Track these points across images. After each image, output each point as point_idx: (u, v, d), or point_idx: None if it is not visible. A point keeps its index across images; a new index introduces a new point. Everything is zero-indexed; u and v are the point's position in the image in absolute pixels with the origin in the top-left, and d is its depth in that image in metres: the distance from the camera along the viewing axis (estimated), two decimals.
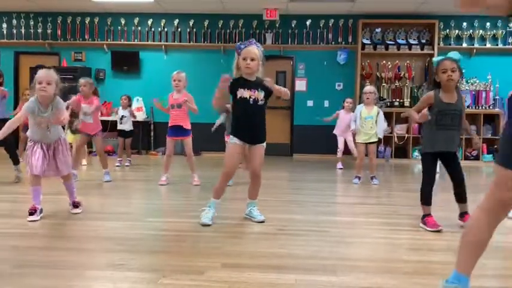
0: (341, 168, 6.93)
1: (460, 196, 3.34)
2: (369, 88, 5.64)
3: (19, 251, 2.63)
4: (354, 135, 6.13)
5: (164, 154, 5.53)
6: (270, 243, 2.89)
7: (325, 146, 8.61)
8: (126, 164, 6.86)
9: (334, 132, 7.18)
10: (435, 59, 3.35)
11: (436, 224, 3.23)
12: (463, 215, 3.35)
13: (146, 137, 8.87)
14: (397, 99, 8.65)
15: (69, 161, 3.55)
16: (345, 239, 2.99)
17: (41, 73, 3.30)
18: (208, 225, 3.20)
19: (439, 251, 2.77)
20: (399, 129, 8.45)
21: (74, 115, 5.27)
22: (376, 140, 5.54)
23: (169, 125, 5.16)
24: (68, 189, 3.56)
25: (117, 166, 6.58)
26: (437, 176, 6.34)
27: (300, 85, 8.97)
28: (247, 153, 3.40)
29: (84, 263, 2.44)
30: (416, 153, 8.61)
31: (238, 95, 3.25)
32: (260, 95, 3.24)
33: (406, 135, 8.38)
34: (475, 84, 8.49)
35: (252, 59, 3.20)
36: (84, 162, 6.61)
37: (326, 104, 8.90)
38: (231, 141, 3.31)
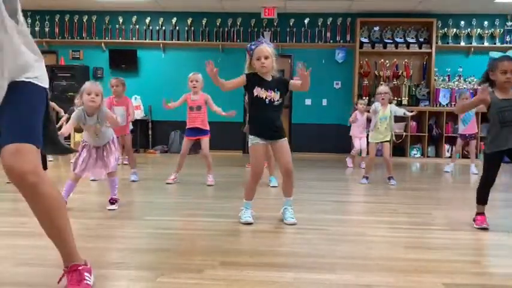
0: (351, 167, 6.95)
1: None
2: (384, 88, 5.54)
3: (19, 249, 2.62)
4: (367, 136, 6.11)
5: (162, 152, 5.52)
6: (268, 241, 2.89)
7: (324, 145, 8.63)
8: (125, 162, 6.85)
9: (351, 134, 7.16)
10: (493, 54, 3.14)
11: (482, 222, 3.17)
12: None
13: (144, 136, 8.87)
14: (395, 98, 8.65)
15: (115, 159, 3.73)
16: (344, 237, 2.99)
17: (89, 85, 3.57)
18: (251, 223, 3.21)
19: (437, 249, 2.77)
20: (397, 128, 8.46)
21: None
22: (389, 139, 5.49)
23: (188, 126, 5.11)
24: (110, 185, 3.74)
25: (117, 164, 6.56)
26: (448, 175, 6.41)
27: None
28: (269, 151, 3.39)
29: None
30: (414, 152, 8.64)
31: (255, 93, 3.23)
32: (276, 95, 3.23)
33: (404, 134, 8.38)
34: (473, 82, 8.51)
35: (266, 57, 3.19)
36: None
37: (324, 102, 8.92)
38: (253, 141, 3.27)
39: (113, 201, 3.72)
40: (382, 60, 8.76)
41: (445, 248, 2.78)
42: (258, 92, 3.22)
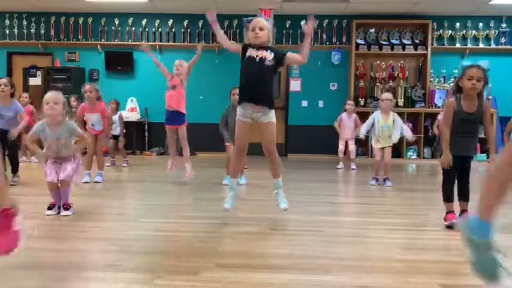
0: (342, 168, 6.97)
1: (461, 193, 3.31)
2: (387, 95, 5.59)
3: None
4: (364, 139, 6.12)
5: (158, 154, 5.53)
6: (264, 243, 2.90)
7: (320, 146, 8.63)
8: (124, 164, 6.84)
9: (340, 135, 7.17)
10: (464, 62, 3.32)
11: (452, 219, 3.22)
12: (463, 212, 3.32)
13: (140, 138, 8.84)
14: (394, 102, 8.69)
15: (75, 173, 3.56)
16: (339, 239, 3.00)
17: (48, 94, 3.47)
18: (228, 210, 3.24)
19: (433, 250, 2.78)
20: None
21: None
22: (391, 144, 5.49)
23: (166, 108, 5.11)
24: (62, 194, 3.54)
25: (108, 166, 6.54)
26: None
27: (295, 85, 8.98)
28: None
29: (79, 263, 2.43)
30: (410, 153, 8.66)
31: (247, 55, 3.18)
32: (268, 55, 3.15)
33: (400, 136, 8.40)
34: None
35: (261, 29, 3.14)
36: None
37: (320, 104, 8.93)
38: (238, 117, 3.25)
39: (67, 207, 3.51)
40: (378, 61, 8.78)
41: (441, 248, 2.79)
42: (250, 52, 3.17)
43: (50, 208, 3.51)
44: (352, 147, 7.07)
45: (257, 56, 3.15)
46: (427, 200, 4.55)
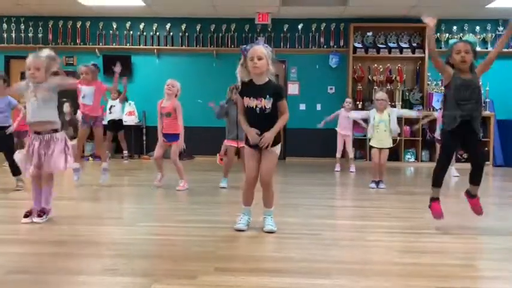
0: (338, 171, 6.97)
1: (474, 178, 3.31)
2: (382, 95, 5.61)
3: (10, 256, 2.60)
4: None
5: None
6: (263, 246, 2.88)
7: (318, 149, 8.64)
8: (125, 161, 6.78)
9: (338, 129, 7.22)
10: (451, 41, 3.40)
11: (439, 213, 3.28)
12: (472, 196, 3.36)
13: (138, 141, 8.83)
14: (389, 102, 8.68)
15: (59, 162, 3.29)
16: (338, 242, 2.99)
17: (29, 59, 3.32)
18: (242, 230, 3.16)
19: (432, 253, 2.77)
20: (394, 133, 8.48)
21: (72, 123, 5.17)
22: (389, 146, 5.52)
23: (163, 132, 5.10)
24: (43, 193, 3.35)
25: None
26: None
27: (293, 89, 8.99)
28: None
29: (76, 268, 2.41)
30: (408, 156, 8.67)
31: (245, 104, 3.13)
32: (267, 102, 3.07)
33: (398, 138, 8.40)
34: None
35: (260, 58, 3.05)
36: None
37: (318, 107, 8.94)
38: (246, 147, 3.23)
39: (41, 213, 3.30)
40: (375, 65, 8.80)
41: (439, 252, 2.78)
42: (247, 102, 3.11)
43: (26, 216, 3.31)
44: (349, 147, 7.08)
45: (256, 106, 3.08)
46: (425, 203, 4.53)
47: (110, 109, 6.88)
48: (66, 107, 7.49)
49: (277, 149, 3.19)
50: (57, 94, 3.41)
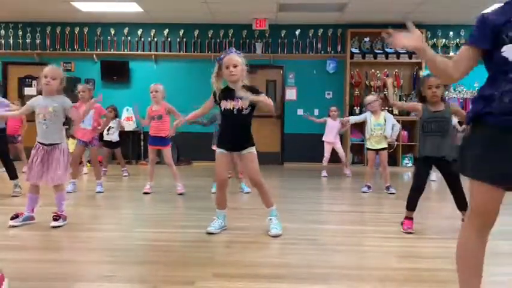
0: (325, 176, 6.97)
1: (457, 203, 3.37)
2: (370, 98, 5.67)
3: (8, 263, 2.59)
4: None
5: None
6: (261, 252, 2.88)
7: (316, 155, 8.62)
8: (125, 174, 6.82)
9: (323, 139, 7.23)
10: (423, 73, 3.53)
11: (409, 228, 3.35)
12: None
13: (136, 147, 8.82)
14: (386, 108, 8.71)
15: (64, 172, 3.45)
16: (336, 247, 2.99)
17: (46, 68, 3.46)
18: (212, 233, 3.21)
19: (429, 258, 2.78)
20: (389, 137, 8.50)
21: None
22: (386, 146, 5.54)
23: (150, 134, 5.19)
24: (56, 200, 3.52)
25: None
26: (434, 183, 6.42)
27: (290, 94, 9.01)
28: (236, 162, 3.38)
29: (74, 274, 2.40)
30: (406, 161, 8.68)
31: (222, 107, 3.25)
32: (244, 103, 3.20)
33: (396, 143, 8.43)
34: (462, 92, 8.61)
35: (235, 66, 3.19)
36: (85, 170, 6.82)
37: (316, 112, 8.93)
38: (217, 151, 3.33)
39: (56, 217, 3.41)
40: (372, 70, 8.83)
41: (437, 256, 2.79)
42: (225, 105, 3.23)
43: (13, 218, 3.41)
44: (340, 151, 7.10)
45: (233, 107, 3.21)
46: (422, 209, 4.55)
47: (107, 130, 6.89)
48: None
49: (253, 149, 3.32)
50: (64, 117, 3.53)
